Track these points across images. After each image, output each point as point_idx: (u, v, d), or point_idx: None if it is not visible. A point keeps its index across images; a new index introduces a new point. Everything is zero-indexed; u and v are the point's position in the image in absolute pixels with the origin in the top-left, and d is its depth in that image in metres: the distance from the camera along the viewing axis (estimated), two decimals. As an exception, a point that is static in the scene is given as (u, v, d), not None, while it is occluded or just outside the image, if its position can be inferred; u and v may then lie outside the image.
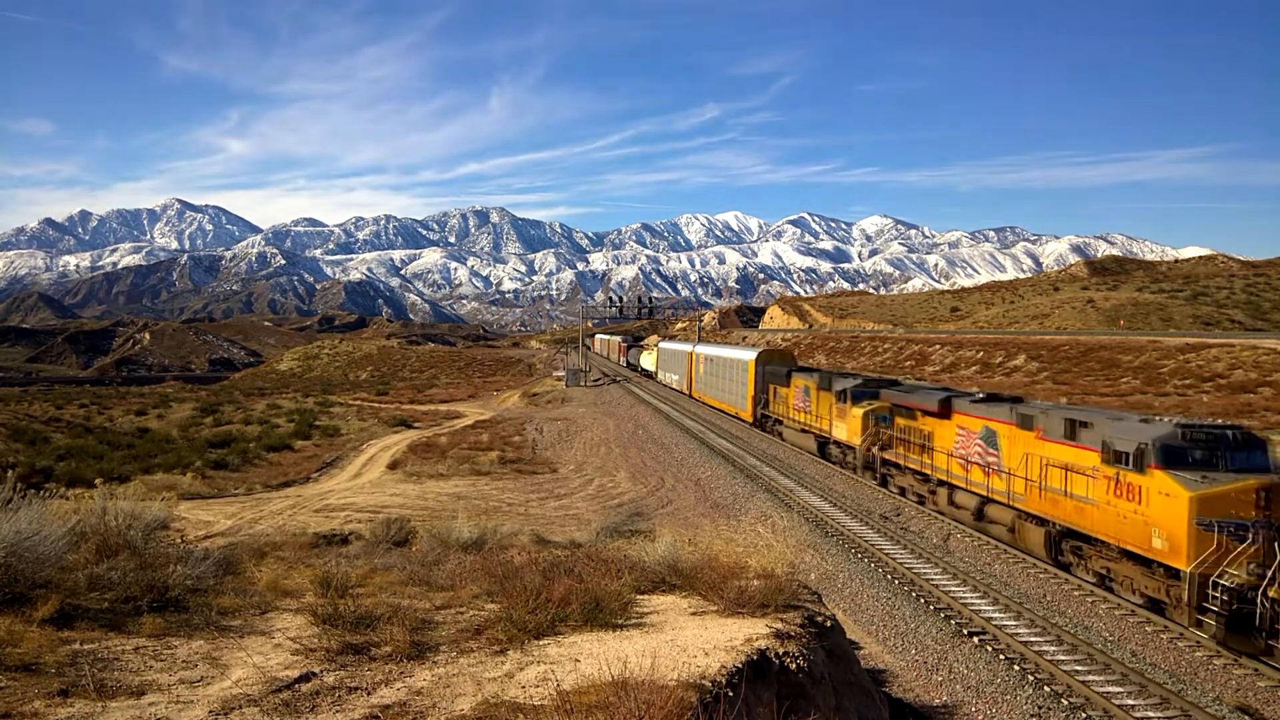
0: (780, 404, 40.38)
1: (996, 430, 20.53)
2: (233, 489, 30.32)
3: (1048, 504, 18.00)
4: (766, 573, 8.58)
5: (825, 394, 32.89)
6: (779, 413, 40.72)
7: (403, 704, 5.40)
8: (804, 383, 36.58)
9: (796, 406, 37.38)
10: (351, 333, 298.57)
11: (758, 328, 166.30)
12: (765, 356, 45.60)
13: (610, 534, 18.32)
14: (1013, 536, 19.83)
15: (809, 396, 35.39)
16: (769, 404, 42.40)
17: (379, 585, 8.88)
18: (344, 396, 79.92)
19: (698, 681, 5.79)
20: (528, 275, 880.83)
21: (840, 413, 30.69)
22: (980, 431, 21.28)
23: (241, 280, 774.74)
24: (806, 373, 38.35)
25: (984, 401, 22.12)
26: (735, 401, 49.16)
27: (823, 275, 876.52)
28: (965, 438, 22.05)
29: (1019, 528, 19.50)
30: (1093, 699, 12.17)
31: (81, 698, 5.21)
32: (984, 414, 21.38)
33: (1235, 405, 38.08)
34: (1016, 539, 19.69)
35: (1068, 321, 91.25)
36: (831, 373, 36.55)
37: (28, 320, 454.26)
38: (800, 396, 36.89)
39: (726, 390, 51.17)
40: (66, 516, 8.40)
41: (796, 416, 37.38)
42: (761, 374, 43.88)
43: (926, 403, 24.45)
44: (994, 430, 20.62)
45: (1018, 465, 19.18)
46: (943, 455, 23.11)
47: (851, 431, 29.42)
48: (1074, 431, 17.46)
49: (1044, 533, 18.38)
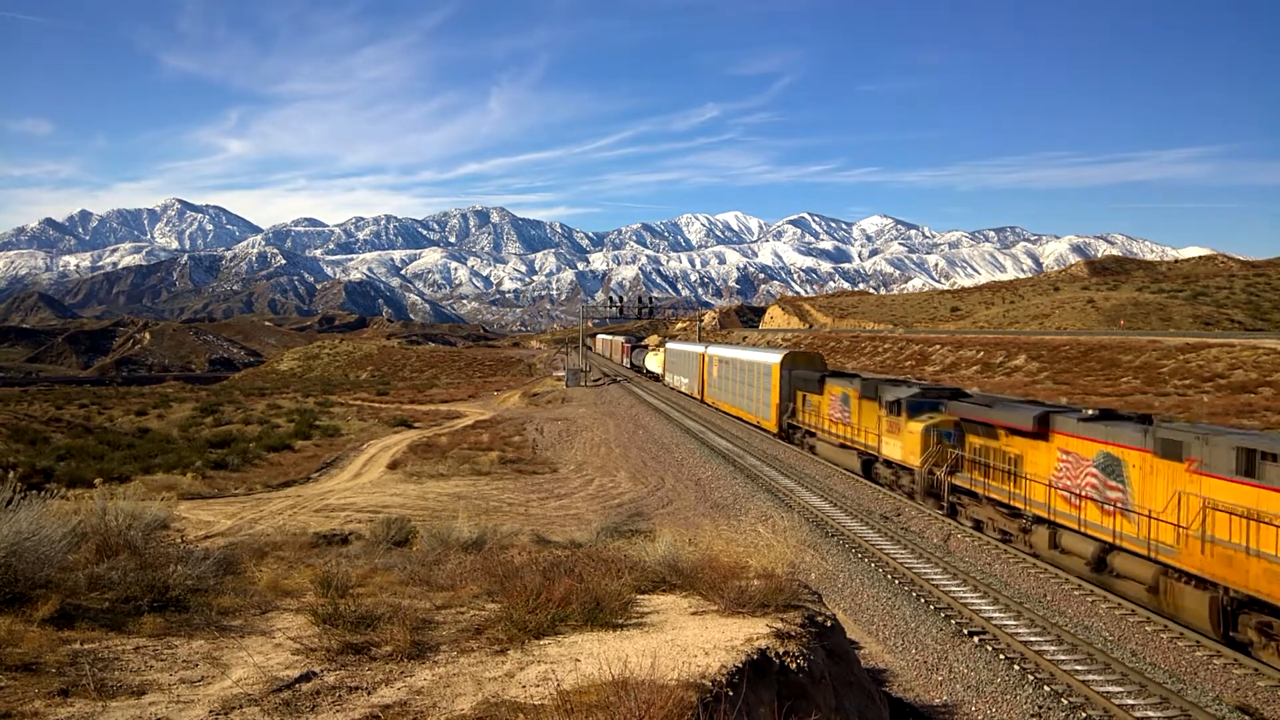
0: (811, 414, 36.18)
1: (1122, 458, 16.69)
2: (233, 489, 30.33)
3: (1217, 563, 13.83)
4: (767, 572, 8.58)
5: (869, 403, 29.08)
6: (810, 424, 36.32)
7: (403, 704, 5.40)
8: (841, 390, 32.21)
9: (832, 417, 33.06)
10: (352, 333, 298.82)
11: (758, 328, 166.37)
12: (792, 359, 41.01)
13: (610, 534, 18.33)
14: (1155, 599, 15.69)
15: (848, 406, 31.16)
16: (797, 413, 38.31)
17: (379, 585, 8.88)
18: (344, 396, 79.94)
19: (698, 681, 5.79)
20: (528, 275, 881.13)
21: (892, 427, 26.45)
22: (1095, 458, 17.47)
23: (242, 280, 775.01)
24: (844, 379, 33.68)
25: (1099, 420, 18.04)
26: (756, 409, 44.88)
27: (823, 275, 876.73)
28: (1072, 465, 18.28)
29: (1167, 589, 15.33)
30: (1093, 699, 12.17)
31: (82, 698, 5.21)
32: (1101, 436, 17.50)
33: (1235, 405, 38.10)
34: (1162, 603, 15.50)
35: (1068, 321, 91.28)
36: (878, 379, 31.87)
37: (28, 320, 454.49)
38: (837, 406, 32.55)
39: (745, 396, 47.01)
40: (67, 517, 8.40)
41: (833, 429, 32.92)
42: (788, 379, 39.54)
43: (1014, 419, 20.33)
44: (1117, 458, 16.84)
45: (1161, 506, 15.28)
46: (1040, 485, 18.92)
47: (907, 450, 25.28)
48: (1257, 466, 13.39)
49: (1209, 599, 14.18)
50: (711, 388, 56.60)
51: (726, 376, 51.81)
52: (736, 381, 49.00)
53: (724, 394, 52.79)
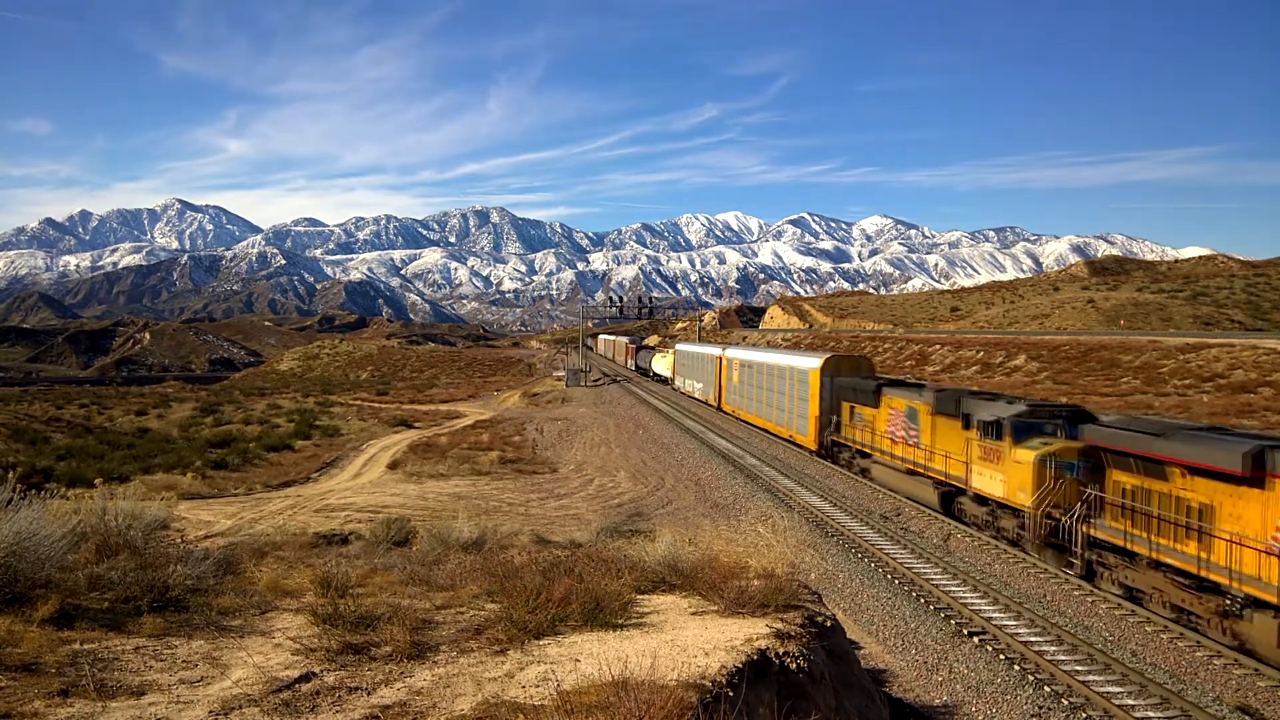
0: (861, 430, 30.63)
1: None
2: (233, 489, 30.32)
3: None
4: (767, 573, 8.57)
5: (948, 421, 23.80)
6: (862, 442, 30.57)
7: (403, 704, 5.40)
8: (906, 403, 27.03)
9: (893, 435, 27.78)
10: (352, 333, 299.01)
11: (758, 328, 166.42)
12: (835, 365, 35.74)
13: (610, 534, 18.35)
14: None
15: (915, 423, 26.06)
16: (842, 428, 32.81)
17: (379, 585, 8.88)
18: (344, 396, 79.94)
19: (698, 681, 5.79)
20: (528, 275, 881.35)
21: (988, 454, 21.18)
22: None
23: (242, 280, 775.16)
24: (909, 389, 28.42)
25: None
26: (788, 422, 39.36)
27: (823, 275, 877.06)
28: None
29: None
30: (1093, 699, 12.18)
31: (81, 698, 5.21)
32: None
33: (1235, 405, 38.12)
34: None
35: (1068, 321, 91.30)
36: (962, 392, 25.53)
37: (28, 320, 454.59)
38: (899, 422, 27.34)
39: (775, 406, 41.62)
40: (66, 517, 8.40)
41: (896, 450, 27.41)
42: (830, 388, 34.38)
43: (1205, 455, 14.64)
44: None
45: None
46: (1253, 552, 13.50)
47: (1013, 484, 19.96)
48: None
49: None
50: (731, 394, 51.48)
51: (750, 383, 46.74)
52: (763, 389, 43.89)
53: (747, 402, 47.50)
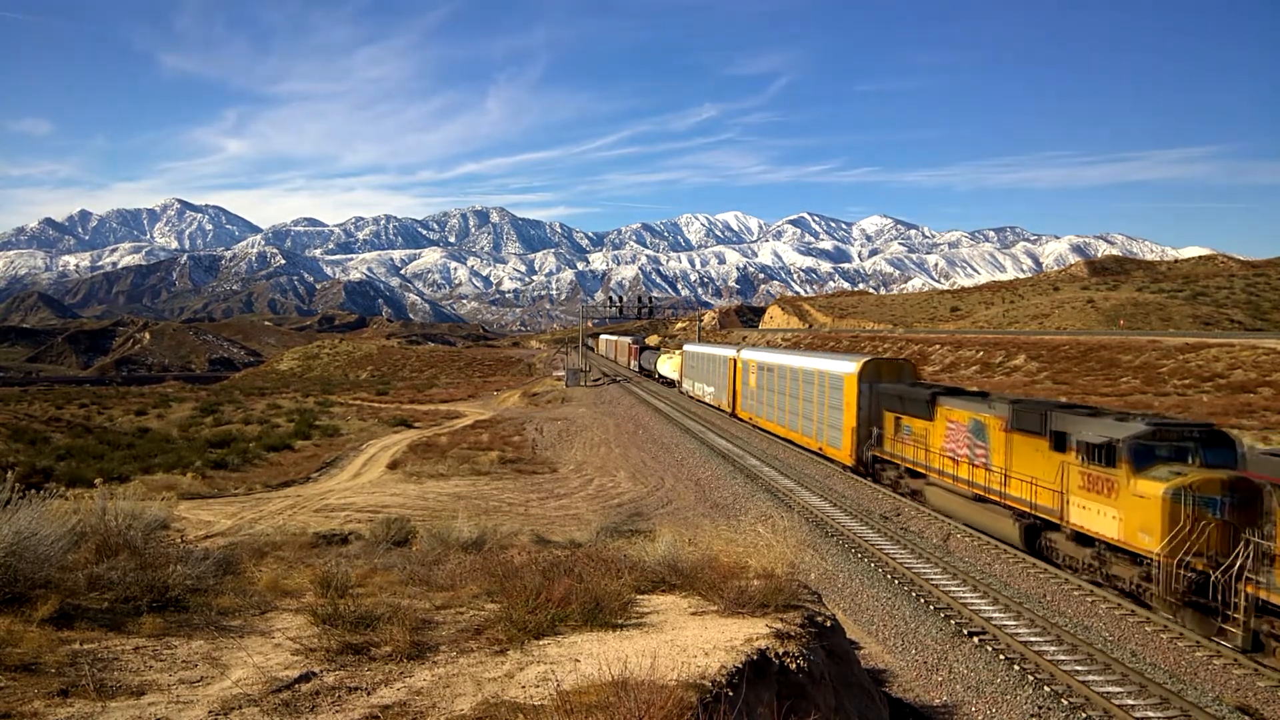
0: (912, 445, 26.55)
1: None
2: (233, 489, 30.32)
3: None
4: (766, 573, 8.57)
5: (1032, 440, 19.54)
6: (913, 460, 26.40)
7: (403, 704, 5.40)
8: (971, 415, 22.80)
9: (953, 453, 23.73)
10: (351, 332, 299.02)
11: (758, 327, 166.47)
12: (874, 369, 31.56)
13: (610, 534, 18.36)
14: None
15: (984, 440, 21.97)
16: (885, 442, 28.71)
17: (379, 585, 8.88)
18: (344, 396, 79.94)
19: (698, 681, 5.79)
20: (528, 275, 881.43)
21: (1095, 483, 17.13)
22: None
23: (241, 280, 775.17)
24: (974, 400, 23.84)
25: None
26: (818, 433, 35.20)
27: (823, 275, 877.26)
28: None
29: None
30: (1093, 699, 12.18)
31: (81, 698, 5.21)
32: None
33: (1235, 405, 38.13)
34: None
35: (1068, 321, 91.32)
36: (1048, 404, 20.78)
37: (28, 320, 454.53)
38: (961, 438, 23.27)
39: (801, 415, 37.40)
40: (66, 516, 8.39)
41: (958, 471, 23.37)
42: (869, 395, 30.22)
43: None
44: None
45: None
46: None
47: (1134, 523, 16.03)
48: None
49: None
50: (748, 400, 47.21)
51: (770, 387, 42.70)
52: (785, 395, 40.10)
53: (767, 409, 43.49)
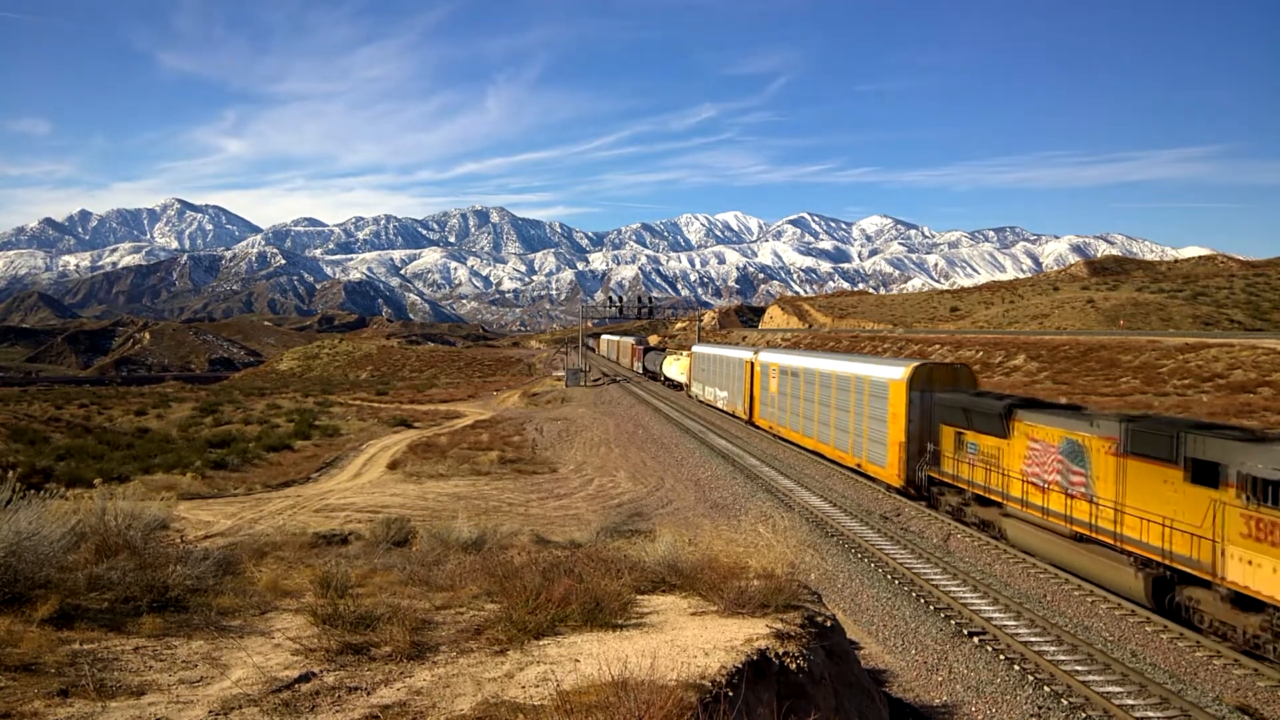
0: (979, 467, 22.26)
1: None
2: (232, 489, 30.32)
3: None
4: (766, 573, 8.57)
5: (1159, 468, 15.52)
6: (983, 484, 21.98)
7: (403, 704, 5.39)
8: (1063, 434, 18.67)
9: (1038, 479, 19.57)
10: (351, 332, 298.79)
11: (757, 327, 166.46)
12: (926, 376, 26.92)
13: (610, 534, 18.36)
14: None
15: (1084, 465, 17.79)
16: (943, 461, 24.58)
17: (379, 585, 8.88)
18: (344, 396, 79.93)
19: (698, 681, 5.79)
20: (528, 275, 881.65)
21: (1270, 532, 13.13)
22: None
23: (241, 280, 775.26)
24: (1065, 415, 19.30)
25: None
26: (855, 446, 30.92)
27: (822, 275, 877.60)
28: None
29: None
30: (1093, 699, 12.18)
31: (81, 698, 5.21)
32: None
33: (1235, 405, 38.11)
34: None
35: (1067, 321, 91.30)
36: (1180, 422, 16.16)
37: (28, 320, 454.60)
38: (1050, 461, 19.18)
39: (834, 426, 33.21)
40: (66, 516, 8.39)
41: (1047, 502, 19.12)
42: (921, 405, 26.29)
43: None
44: None
45: None
46: None
47: None
48: None
49: None
50: (768, 407, 43.11)
51: (795, 394, 38.49)
52: (813, 402, 35.74)
53: (791, 418, 39.23)
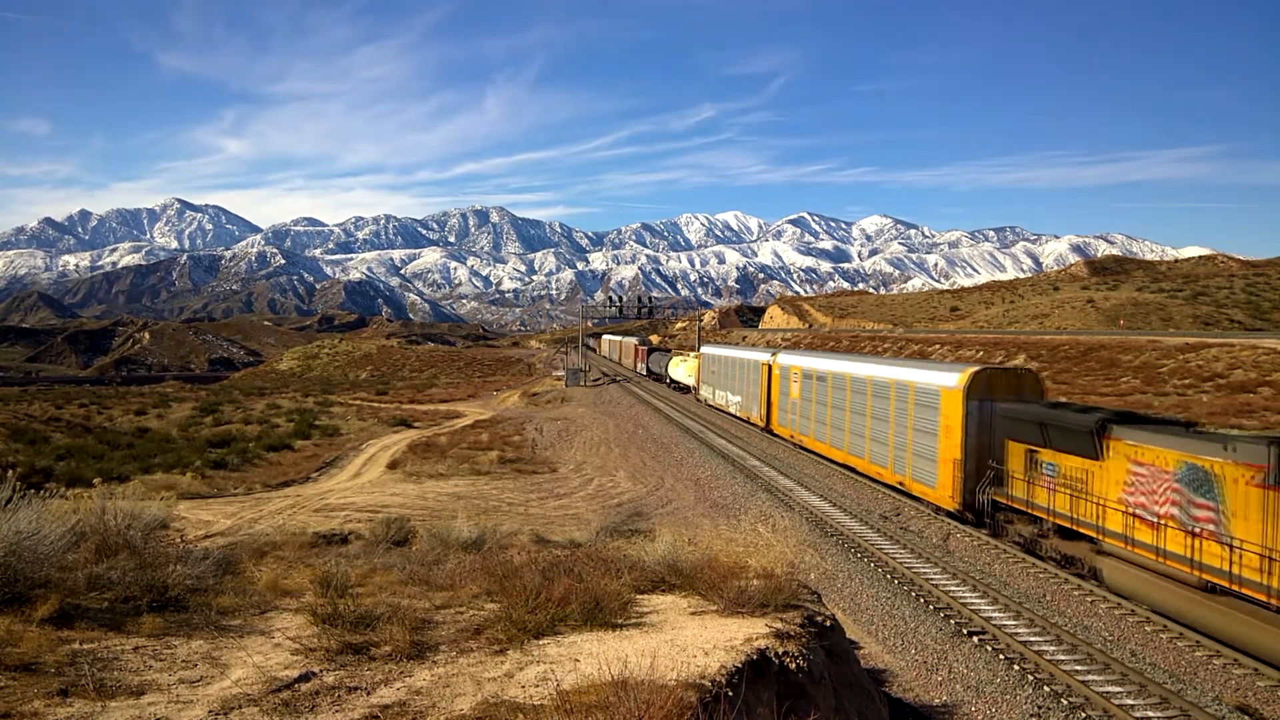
0: (1060, 492, 18.24)
1: None
2: (232, 489, 30.31)
3: None
4: (766, 572, 8.57)
5: None
6: (1069, 514, 17.91)
7: (402, 704, 5.39)
8: (1179, 458, 14.91)
9: (1144, 510, 15.77)
10: (351, 332, 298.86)
11: (757, 327, 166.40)
12: (987, 382, 22.39)
13: (610, 534, 18.37)
14: None
15: (1212, 497, 14.07)
16: (1010, 483, 20.51)
17: (379, 585, 8.88)
18: (344, 396, 79.91)
19: (697, 681, 5.79)
20: (527, 275, 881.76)
21: None
22: None
23: (241, 280, 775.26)
24: (1186, 435, 15.36)
25: None
26: (900, 464, 26.49)
27: (823, 275, 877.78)
28: None
29: None
30: (1092, 699, 12.17)
31: (81, 697, 5.21)
32: None
33: (1235, 405, 38.11)
34: None
35: (1068, 321, 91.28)
36: None
37: (28, 320, 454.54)
38: (1159, 489, 15.38)
39: (871, 438, 28.91)
40: (66, 516, 8.39)
41: (1162, 542, 15.25)
42: (980, 417, 22.05)
43: None
44: None
45: None
46: None
47: None
48: None
49: None
50: (789, 414, 39.38)
51: (821, 400, 34.44)
52: (846, 411, 31.52)
53: (816, 427, 35.06)
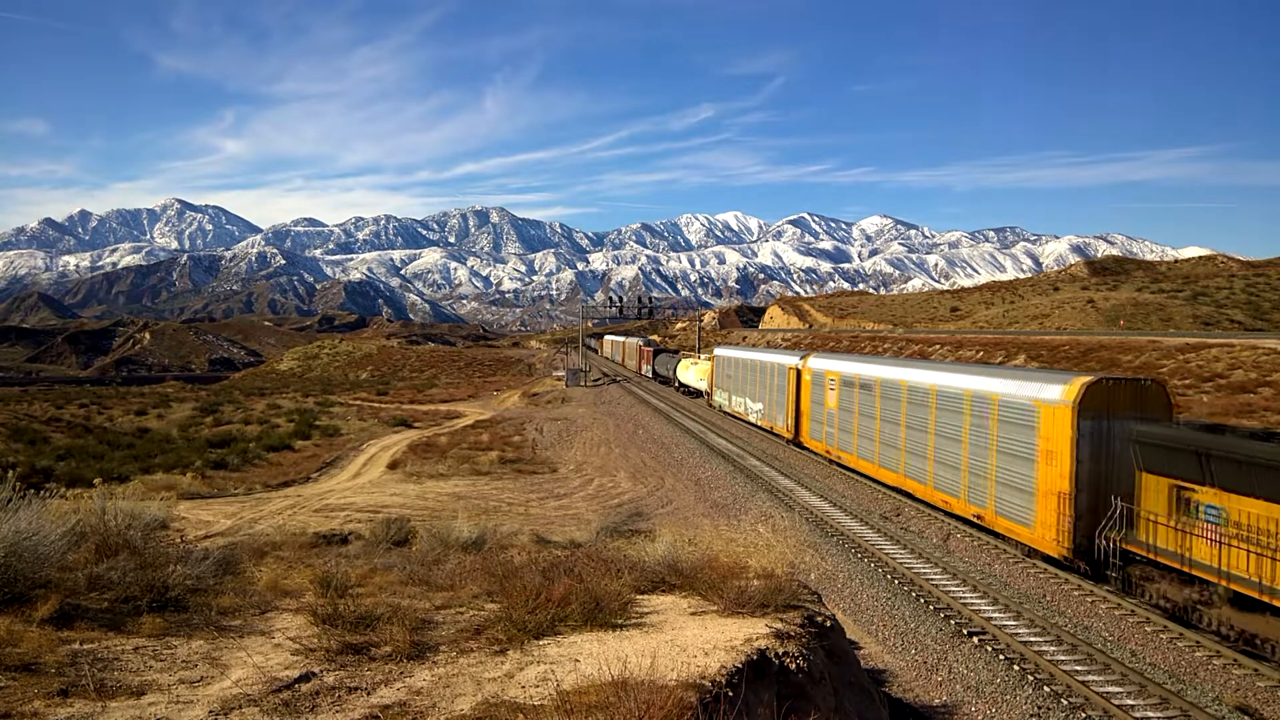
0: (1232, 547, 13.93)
1: None
2: (232, 489, 30.31)
3: None
4: (766, 573, 8.57)
5: None
6: (1254, 577, 13.45)
7: (402, 704, 5.39)
8: None
9: None
10: (351, 333, 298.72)
11: (758, 328, 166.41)
12: (1106, 397, 18.03)
13: (610, 534, 18.37)
14: None
15: None
16: (1140, 525, 16.26)
17: (379, 585, 8.87)
18: (344, 396, 79.89)
19: (697, 681, 5.78)
20: (528, 275, 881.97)
21: None
22: None
23: (241, 280, 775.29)
24: None
25: None
26: (977, 493, 22.02)
27: (823, 275, 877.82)
28: None
29: None
30: (1092, 699, 12.17)
31: (81, 698, 5.21)
32: None
33: (1235, 405, 38.09)
34: None
35: (1068, 321, 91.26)
36: None
37: (28, 320, 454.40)
38: None
39: (936, 460, 24.32)
40: (66, 516, 8.39)
41: None
42: (1097, 441, 17.81)
43: None
44: None
45: None
46: None
47: None
48: None
49: None
50: (822, 426, 34.21)
51: (866, 413, 29.75)
52: (901, 426, 26.80)
53: (861, 443, 30.21)
